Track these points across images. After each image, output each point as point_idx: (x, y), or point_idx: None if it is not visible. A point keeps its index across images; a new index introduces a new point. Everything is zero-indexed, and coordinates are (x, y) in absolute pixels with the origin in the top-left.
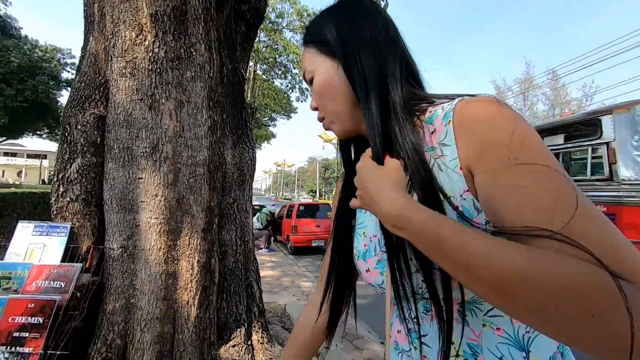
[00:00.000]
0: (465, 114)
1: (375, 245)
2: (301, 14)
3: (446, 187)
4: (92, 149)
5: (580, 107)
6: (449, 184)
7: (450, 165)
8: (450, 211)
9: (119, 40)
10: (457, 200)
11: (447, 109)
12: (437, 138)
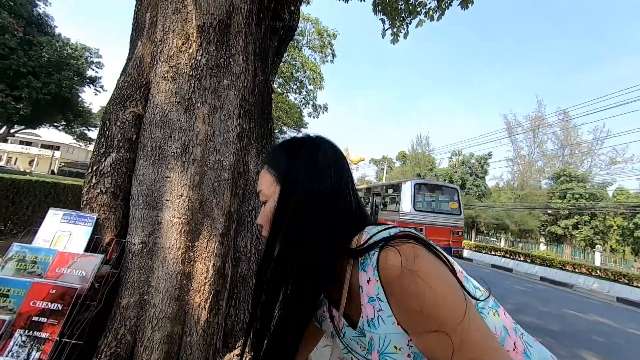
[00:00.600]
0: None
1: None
2: (321, 34)
3: (395, 340)
4: (127, 145)
5: (591, 149)
6: (395, 337)
7: (389, 321)
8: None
9: (166, 47)
10: (406, 350)
11: (373, 260)
12: (373, 290)
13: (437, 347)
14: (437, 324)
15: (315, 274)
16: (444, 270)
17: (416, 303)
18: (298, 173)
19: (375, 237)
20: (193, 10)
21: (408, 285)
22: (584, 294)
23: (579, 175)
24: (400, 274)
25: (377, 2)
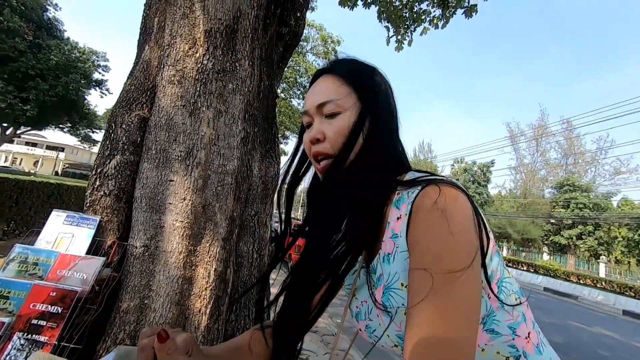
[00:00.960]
0: (417, 208)
1: (365, 311)
2: (325, 40)
3: (402, 276)
4: (132, 147)
5: (594, 159)
6: (403, 273)
7: (402, 256)
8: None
9: (173, 51)
10: None
11: (411, 198)
12: (399, 227)
13: (415, 286)
14: (430, 262)
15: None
16: (472, 227)
17: (428, 238)
18: (379, 91)
19: (420, 178)
20: (201, 16)
21: (432, 222)
22: (589, 305)
23: (582, 185)
24: (430, 209)
25: (382, 10)
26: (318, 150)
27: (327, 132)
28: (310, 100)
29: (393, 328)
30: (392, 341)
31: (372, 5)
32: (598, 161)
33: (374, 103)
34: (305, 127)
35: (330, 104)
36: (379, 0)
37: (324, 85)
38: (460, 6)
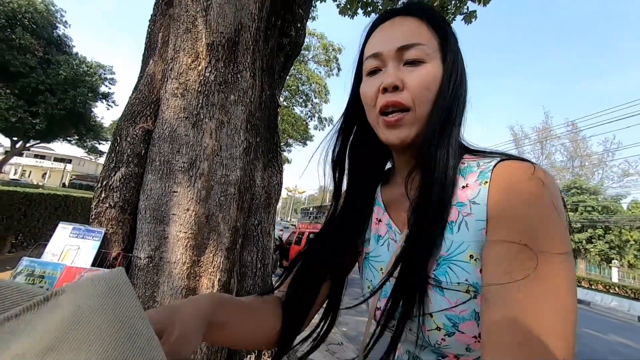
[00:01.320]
0: (504, 178)
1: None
2: (327, 48)
3: (472, 247)
4: (136, 160)
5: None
6: (475, 245)
7: (476, 225)
8: (476, 273)
9: (177, 65)
10: (481, 263)
11: (483, 167)
12: (468, 195)
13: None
14: (533, 238)
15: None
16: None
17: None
18: (457, 45)
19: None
20: (203, 30)
21: (533, 190)
22: (602, 312)
23: (590, 188)
24: (528, 178)
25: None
26: (393, 100)
27: (408, 81)
28: (386, 42)
29: (442, 306)
30: (436, 323)
31: (372, 14)
32: (605, 163)
33: (457, 61)
34: (368, 73)
35: (416, 49)
36: (378, 9)
37: (405, 26)
38: (459, 12)
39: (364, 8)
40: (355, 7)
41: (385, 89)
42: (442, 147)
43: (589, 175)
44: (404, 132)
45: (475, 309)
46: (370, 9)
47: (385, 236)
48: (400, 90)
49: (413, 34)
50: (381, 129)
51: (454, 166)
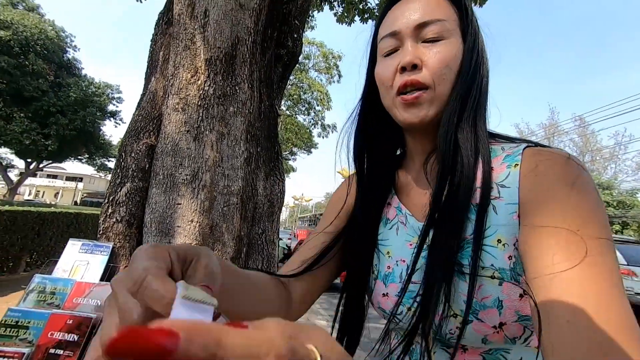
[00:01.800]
0: (539, 163)
1: (402, 272)
2: (327, 56)
3: (501, 232)
4: (141, 174)
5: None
6: (504, 230)
7: (507, 209)
8: (503, 259)
9: (177, 80)
10: (510, 249)
11: (510, 151)
12: (494, 177)
13: (557, 250)
14: (580, 224)
15: (478, 153)
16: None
17: (572, 193)
18: (477, 22)
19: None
20: (201, 46)
21: (570, 172)
22: None
23: (603, 183)
24: (566, 161)
25: (379, 25)
26: (412, 79)
27: (427, 59)
28: (403, 19)
29: (462, 292)
30: (453, 309)
31: (369, 20)
32: (618, 157)
33: (477, 39)
34: (385, 53)
35: (436, 25)
36: (375, 15)
37: (422, 1)
38: None
39: (360, 15)
40: (352, 15)
41: (404, 68)
42: (462, 129)
43: (601, 170)
44: (422, 110)
45: (500, 297)
46: (367, 15)
47: (394, 220)
48: (419, 69)
49: (432, 9)
50: (398, 110)
51: (476, 148)
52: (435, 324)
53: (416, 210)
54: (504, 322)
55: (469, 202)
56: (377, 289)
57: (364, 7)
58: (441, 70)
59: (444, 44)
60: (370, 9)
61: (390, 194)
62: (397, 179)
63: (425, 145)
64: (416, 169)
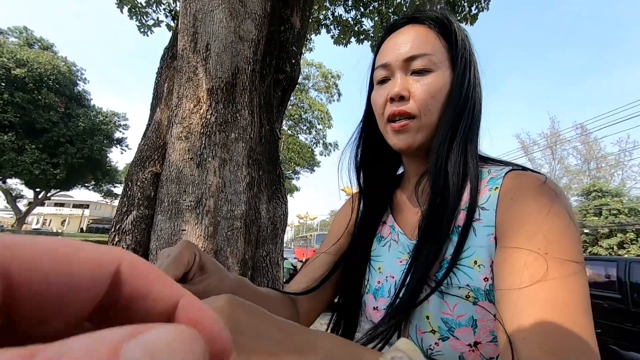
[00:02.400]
0: (515, 186)
1: (391, 287)
2: (326, 76)
3: (478, 254)
4: (146, 202)
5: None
6: (480, 251)
7: (485, 231)
8: (479, 280)
9: (180, 110)
10: (487, 270)
11: (494, 174)
12: (477, 200)
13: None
14: (546, 246)
15: (466, 173)
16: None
17: (545, 217)
18: (472, 53)
19: (499, 160)
20: (203, 77)
21: (542, 196)
22: None
23: (611, 190)
24: (540, 185)
25: (374, 43)
26: (400, 109)
27: (413, 90)
28: (393, 52)
29: (440, 309)
30: (431, 325)
31: (364, 41)
32: (624, 163)
33: (468, 68)
34: (377, 82)
35: (423, 59)
36: (370, 36)
37: (412, 34)
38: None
39: (356, 37)
40: (349, 37)
41: (392, 99)
42: (452, 155)
43: (607, 177)
44: (410, 137)
45: (474, 316)
46: (362, 37)
47: (388, 237)
48: (406, 100)
49: (420, 44)
50: (389, 135)
51: (464, 174)
52: (418, 339)
53: (408, 229)
54: (478, 341)
55: (450, 225)
56: (369, 302)
57: (359, 29)
58: (427, 101)
59: (431, 76)
60: (365, 31)
61: (386, 212)
62: (394, 198)
63: (418, 168)
64: (410, 189)
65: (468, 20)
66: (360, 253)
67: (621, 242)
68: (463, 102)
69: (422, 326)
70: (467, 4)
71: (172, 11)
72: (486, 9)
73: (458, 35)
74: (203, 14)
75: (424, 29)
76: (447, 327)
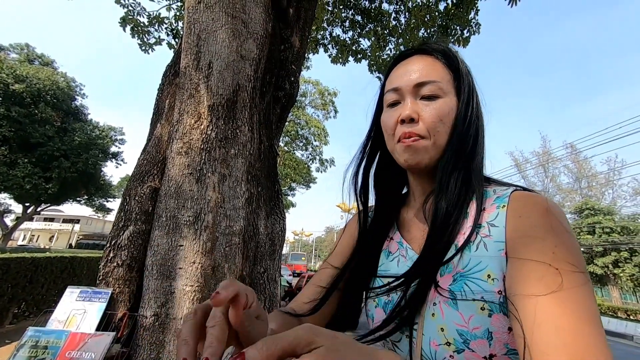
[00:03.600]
0: (522, 205)
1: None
2: (323, 93)
3: (491, 267)
4: (144, 217)
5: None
6: (493, 265)
7: (495, 247)
8: (493, 293)
9: (181, 126)
10: (500, 284)
11: (500, 194)
12: (485, 217)
13: (532, 278)
14: (557, 259)
15: (468, 191)
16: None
17: (548, 232)
18: (474, 82)
19: (504, 181)
20: (205, 94)
21: (548, 214)
22: None
23: (603, 208)
24: (546, 209)
25: (372, 62)
26: (410, 131)
27: (423, 114)
28: (404, 78)
29: (455, 320)
30: (446, 337)
31: (362, 60)
32: (614, 182)
33: (471, 96)
34: (388, 105)
35: (432, 85)
36: (367, 55)
37: (421, 64)
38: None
39: (354, 56)
40: (346, 56)
41: (403, 120)
42: (456, 174)
43: (598, 195)
44: (419, 155)
45: (490, 328)
46: (360, 56)
47: (396, 253)
48: (416, 122)
49: (429, 72)
50: (400, 152)
51: (468, 192)
52: (432, 351)
53: (415, 244)
54: (494, 353)
55: (451, 242)
56: (377, 316)
57: (357, 48)
58: (435, 124)
59: (439, 101)
60: (363, 50)
61: (393, 228)
62: (400, 215)
63: (424, 187)
64: (417, 207)
65: (460, 42)
66: (366, 267)
67: (616, 261)
68: (467, 126)
69: (436, 338)
70: (459, 27)
71: (173, 30)
72: (477, 32)
73: (462, 67)
74: (207, 33)
75: (431, 59)
76: (463, 339)
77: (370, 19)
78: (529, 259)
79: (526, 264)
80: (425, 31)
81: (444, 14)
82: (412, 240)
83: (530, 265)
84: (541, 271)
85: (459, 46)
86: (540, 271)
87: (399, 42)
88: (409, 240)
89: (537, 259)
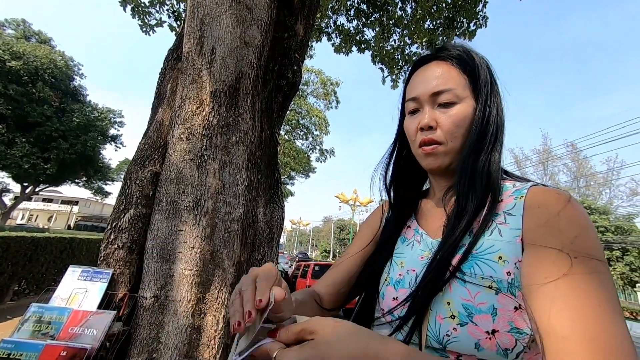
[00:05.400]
0: (541, 198)
1: (412, 279)
2: (325, 83)
3: (503, 251)
4: (144, 201)
5: (607, 180)
6: (506, 249)
7: (511, 233)
8: (502, 272)
9: (183, 112)
10: (511, 266)
11: (519, 187)
12: (502, 207)
13: (549, 265)
14: (574, 248)
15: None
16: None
17: (568, 225)
18: (494, 84)
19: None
20: (207, 80)
21: (572, 212)
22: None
23: (599, 208)
24: (568, 201)
25: (375, 54)
26: (430, 138)
27: (441, 121)
28: (422, 87)
29: (461, 295)
30: (451, 310)
31: (365, 51)
32: (612, 182)
33: (489, 97)
34: (409, 112)
35: (448, 93)
36: (371, 46)
37: (438, 71)
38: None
39: (357, 46)
40: (350, 46)
41: (422, 128)
42: (475, 170)
43: (595, 195)
44: (438, 160)
45: (495, 304)
46: (364, 46)
47: (412, 239)
48: (434, 129)
49: (445, 80)
50: (421, 158)
51: (486, 185)
52: (437, 325)
53: (431, 230)
54: (496, 329)
55: (472, 222)
56: (388, 293)
57: (361, 38)
58: (452, 130)
59: (455, 108)
60: (367, 40)
61: (411, 218)
62: (419, 206)
63: (443, 184)
64: (435, 200)
65: (467, 35)
66: (384, 252)
67: (607, 259)
68: (485, 126)
69: (441, 312)
70: (465, 20)
71: (175, 12)
72: (484, 25)
73: (480, 69)
74: (210, 18)
75: (447, 65)
76: (467, 313)
77: (376, 8)
78: (548, 246)
79: (542, 251)
80: (431, 23)
81: (451, 5)
82: (429, 227)
83: (549, 252)
84: (561, 259)
85: (465, 39)
86: (560, 259)
87: (403, 34)
88: (425, 227)
89: (556, 247)
